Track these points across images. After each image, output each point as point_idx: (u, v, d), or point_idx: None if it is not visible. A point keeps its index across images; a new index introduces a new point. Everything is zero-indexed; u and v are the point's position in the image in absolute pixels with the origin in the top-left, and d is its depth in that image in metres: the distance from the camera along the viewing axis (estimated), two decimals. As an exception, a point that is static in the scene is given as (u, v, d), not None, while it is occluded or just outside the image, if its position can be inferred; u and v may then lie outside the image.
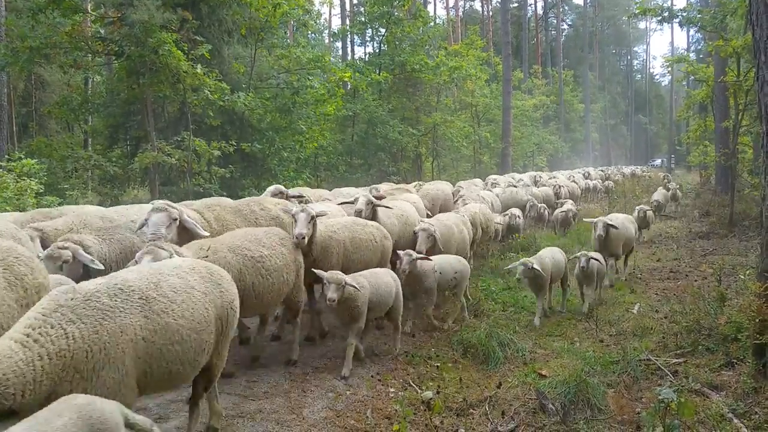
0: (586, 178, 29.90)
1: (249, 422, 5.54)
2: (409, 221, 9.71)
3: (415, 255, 7.92)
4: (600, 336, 8.14)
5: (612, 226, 10.56)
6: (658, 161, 75.01)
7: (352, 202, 9.08)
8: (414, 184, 16.10)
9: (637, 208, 15.56)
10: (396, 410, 5.66)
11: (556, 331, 8.46)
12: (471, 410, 5.84)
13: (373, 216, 8.80)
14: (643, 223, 15.34)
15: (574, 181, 26.75)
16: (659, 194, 20.83)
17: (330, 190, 14.20)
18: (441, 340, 8.01)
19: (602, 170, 39.85)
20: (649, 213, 15.55)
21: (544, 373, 6.77)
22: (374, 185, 15.12)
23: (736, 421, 5.28)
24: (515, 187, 19.60)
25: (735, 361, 6.69)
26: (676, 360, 7.02)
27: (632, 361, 6.71)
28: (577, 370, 6.33)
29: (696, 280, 11.26)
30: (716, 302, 8.14)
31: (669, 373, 6.58)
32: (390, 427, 5.34)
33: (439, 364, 7.05)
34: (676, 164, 62.91)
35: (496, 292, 10.36)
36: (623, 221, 11.47)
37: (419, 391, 6.28)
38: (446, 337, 8.03)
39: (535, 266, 8.50)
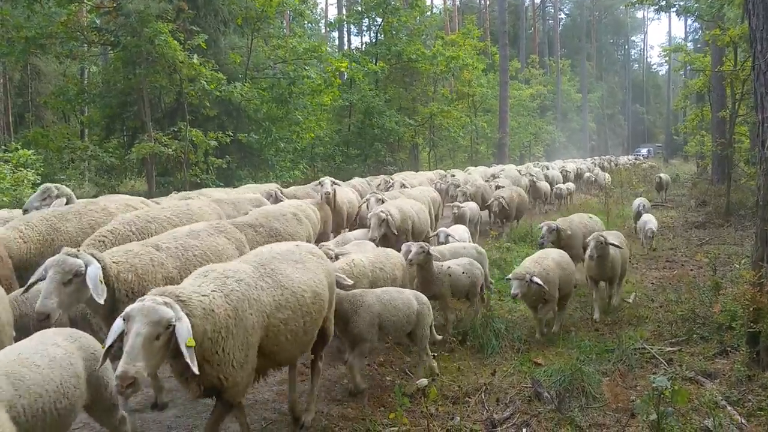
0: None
1: (248, 411, 5.57)
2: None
3: None
4: (595, 325, 8.18)
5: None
6: (645, 150, 70.02)
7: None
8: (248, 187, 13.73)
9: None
10: (392, 398, 5.69)
11: (552, 320, 8.48)
12: (467, 398, 5.87)
13: None
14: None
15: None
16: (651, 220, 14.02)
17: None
18: (437, 330, 8.04)
19: (564, 165, 28.89)
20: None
21: (539, 361, 6.81)
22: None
23: (729, 408, 5.32)
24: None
25: (729, 349, 6.74)
26: (671, 348, 7.06)
27: (627, 349, 6.75)
28: (572, 359, 6.37)
29: (691, 270, 11.29)
30: (711, 291, 8.20)
31: (663, 361, 6.63)
32: (386, 415, 5.38)
33: (435, 353, 7.09)
34: (670, 153, 62.71)
35: (493, 282, 10.38)
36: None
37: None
38: (442, 327, 8.07)
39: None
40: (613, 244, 8.44)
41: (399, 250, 7.71)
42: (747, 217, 16.18)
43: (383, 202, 10.99)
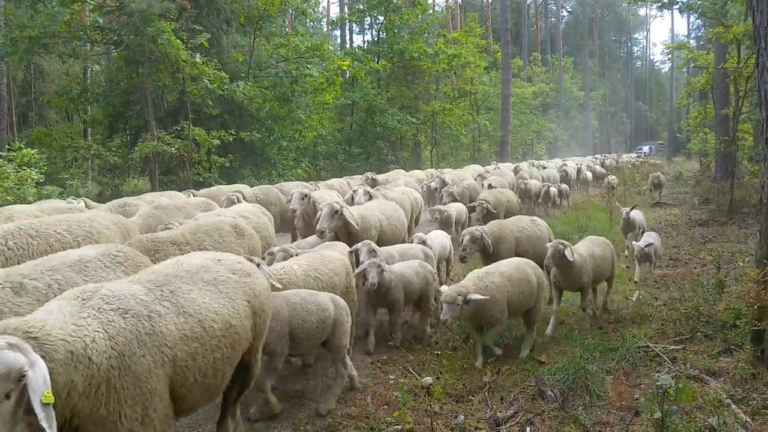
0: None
1: (251, 409, 5.59)
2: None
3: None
4: (599, 323, 8.17)
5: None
6: (646, 148, 69.16)
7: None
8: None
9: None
10: (396, 396, 5.69)
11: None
12: (470, 396, 5.88)
13: None
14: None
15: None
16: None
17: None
18: (441, 328, 8.04)
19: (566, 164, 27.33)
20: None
21: (542, 360, 6.80)
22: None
23: (733, 406, 5.31)
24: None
25: (733, 347, 6.72)
26: (675, 347, 7.05)
27: (631, 348, 6.74)
28: (576, 357, 6.36)
29: (695, 268, 11.27)
30: (715, 289, 8.17)
31: (667, 359, 6.62)
32: (390, 413, 5.38)
33: (439, 352, 7.08)
34: (673, 151, 62.57)
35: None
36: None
37: (419, 377, 6.32)
38: (446, 326, 8.06)
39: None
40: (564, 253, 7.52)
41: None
42: (750, 215, 16.15)
43: (370, 196, 10.45)
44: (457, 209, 13.04)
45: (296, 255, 6.74)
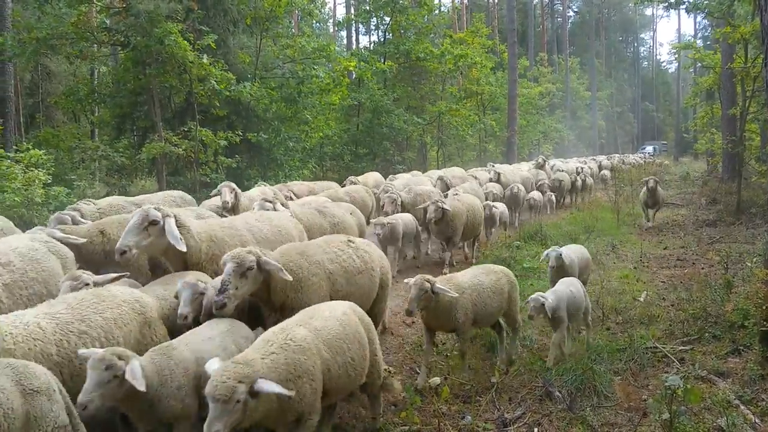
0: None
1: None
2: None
3: None
4: (606, 324, 8.15)
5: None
6: (650, 148, 66.84)
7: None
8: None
9: None
10: (404, 397, 5.70)
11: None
12: (478, 397, 5.88)
13: None
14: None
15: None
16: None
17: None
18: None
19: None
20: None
21: (550, 360, 6.79)
22: None
23: (742, 407, 5.31)
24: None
25: (742, 348, 6.71)
26: (683, 347, 7.04)
27: (639, 348, 6.74)
28: (584, 358, 6.36)
29: (703, 268, 11.25)
30: (723, 290, 8.17)
31: (675, 360, 6.61)
32: (397, 413, 5.39)
33: (446, 353, 7.08)
34: (680, 151, 62.36)
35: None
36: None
37: (427, 378, 6.32)
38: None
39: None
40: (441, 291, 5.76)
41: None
42: (758, 215, 16.11)
43: (278, 205, 8.16)
44: (404, 220, 10.76)
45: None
